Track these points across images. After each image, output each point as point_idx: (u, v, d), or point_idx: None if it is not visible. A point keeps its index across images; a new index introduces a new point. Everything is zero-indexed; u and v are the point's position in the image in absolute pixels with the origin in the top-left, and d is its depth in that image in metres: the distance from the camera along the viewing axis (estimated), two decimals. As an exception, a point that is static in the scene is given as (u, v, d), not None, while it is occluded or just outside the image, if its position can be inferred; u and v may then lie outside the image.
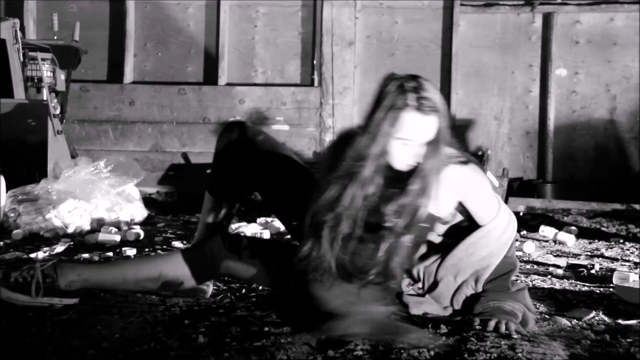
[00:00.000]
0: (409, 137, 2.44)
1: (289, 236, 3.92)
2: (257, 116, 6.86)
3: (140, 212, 5.20)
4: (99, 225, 4.77)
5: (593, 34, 6.78)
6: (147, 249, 4.13)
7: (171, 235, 4.69)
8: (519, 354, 2.25)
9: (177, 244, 4.32)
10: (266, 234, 4.63)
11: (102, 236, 4.35)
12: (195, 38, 7.03)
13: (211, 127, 6.88)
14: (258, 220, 5.17)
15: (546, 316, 2.86)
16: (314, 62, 6.91)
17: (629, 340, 2.45)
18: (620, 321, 2.73)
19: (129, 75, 7.01)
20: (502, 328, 2.42)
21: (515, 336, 2.39)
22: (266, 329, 2.47)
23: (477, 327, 2.45)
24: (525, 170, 6.87)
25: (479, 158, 5.74)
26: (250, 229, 4.70)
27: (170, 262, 2.75)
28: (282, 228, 4.97)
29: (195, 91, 6.92)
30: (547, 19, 6.77)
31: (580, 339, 2.47)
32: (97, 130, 6.94)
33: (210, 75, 6.98)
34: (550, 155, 6.77)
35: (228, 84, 6.94)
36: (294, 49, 6.99)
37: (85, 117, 6.94)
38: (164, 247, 4.24)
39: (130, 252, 3.96)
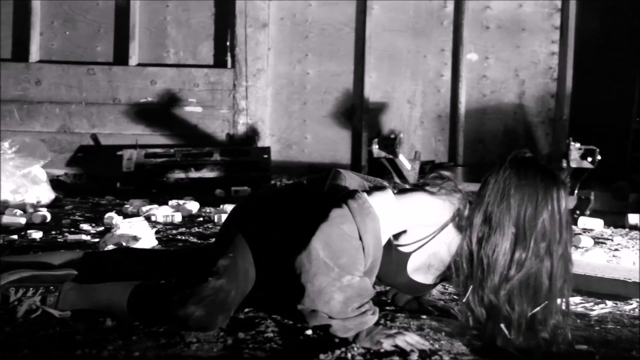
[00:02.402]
0: None
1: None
2: (169, 97, 6.76)
3: (47, 194, 5.08)
4: (3, 207, 4.63)
5: (503, 20, 6.89)
6: (53, 232, 4.04)
7: (79, 218, 4.60)
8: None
9: (85, 226, 4.23)
10: (177, 217, 4.57)
11: (6, 219, 4.23)
12: (105, 17, 6.86)
13: (122, 108, 6.75)
14: (170, 202, 5.10)
15: (455, 296, 2.91)
16: (228, 43, 6.84)
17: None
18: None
19: (35, 53, 6.81)
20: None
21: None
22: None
23: None
24: (437, 154, 6.95)
25: (392, 141, 5.77)
26: (161, 212, 4.63)
27: None
28: (195, 210, 4.92)
29: (105, 71, 6.77)
30: (459, 4, 6.85)
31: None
32: (2, 110, 6.72)
33: (121, 56, 6.84)
34: (462, 139, 6.87)
35: (139, 65, 6.81)
36: (206, 30, 6.91)
37: (-11, 96, 6.72)
38: (72, 229, 4.15)
39: (36, 234, 3.86)
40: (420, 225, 2.39)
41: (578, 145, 5.35)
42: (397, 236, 2.41)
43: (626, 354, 2.27)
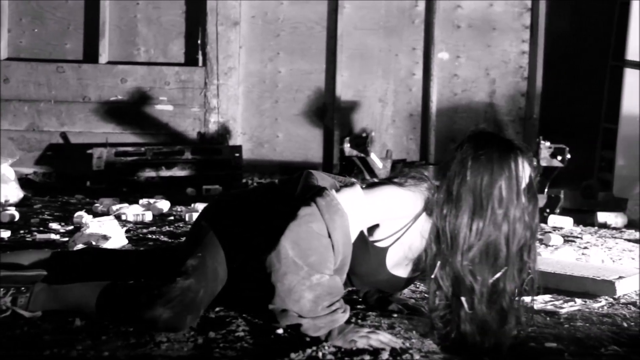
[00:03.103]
0: None
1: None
2: (139, 96, 6.71)
3: (15, 193, 5.04)
4: (-29, 207, 4.58)
5: (473, 19, 6.92)
6: (22, 231, 4.00)
7: (48, 217, 4.55)
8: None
9: (54, 225, 4.19)
10: (148, 216, 4.54)
11: (-26, 218, 4.18)
12: (75, 14, 6.80)
13: (91, 107, 6.69)
14: (140, 201, 5.07)
15: (425, 294, 2.91)
16: (199, 41, 6.81)
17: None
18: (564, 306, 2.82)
19: (3, 51, 6.73)
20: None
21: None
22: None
23: None
24: (409, 152, 6.97)
25: (363, 140, 5.78)
26: (131, 211, 4.60)
27: None
28: (165, 209, 4.89)
29: (75, 69, 6.70)
30: (430, 3, 6.86)
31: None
32: (-31, 109, 6.64)
33: (91, 53, 6.78)
34: (433, 138, 6.89)
35: (109, 63, 6.76)
36: (177, 28, 6.87)
37: (-44, 94, 6.63)
38: (41, 228, 4.11)
39: (4, 234, 3.82)
40: (393, 219, 2.39)
41: (548, 143, 5.39)
42: (371, 232, 2.41)
43: (595, 351, 2.29)
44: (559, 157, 5.36)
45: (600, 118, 6.57)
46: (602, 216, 5.12)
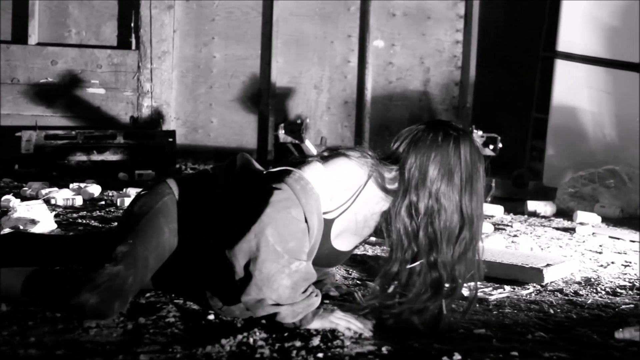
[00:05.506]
0: None
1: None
2: (70, 78, 6.59)
3: (-60, 177, 4.90)
4: None
5: (409, 7, 6.96)
6: (-54, 215, 3.89)
7: (-26, 201, 4.44)
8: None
9: (-20, 210, 4.09)
10: (78, 200, 4.46)
11: None
12: (3, -7, 6.64)
13: (20, 88, 6.54)
14: (71, 185, 4.98)
15: (358, 281, 2.93)
16: (132, 24, 6.71)
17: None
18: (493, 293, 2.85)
19: None
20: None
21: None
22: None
23: None
24: (343, 139, 6.99)
25: (298, 126, 5.78)
26: (61, 195, 4.51)
27: None
28: (96, 194, 4.81)
29: (3, 50, 6.53)
30: (366, -9, 6.88)
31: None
32: None
33: (19, 34, 6.62)
34: (368, 125, 6.92)
35: (39, 44, 6.61)
36: (110, 10, 6.75)
37: None
38: (-34, 213, 4.00)
39: None
40: (344, 189, 2.39)
41: (480, 133, 5.47)
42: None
43: (522, 337, 2.32)
44: (491, 146, 5.44)
45: (532, 108, 6.68)
46: (532, 205, 5.21)
